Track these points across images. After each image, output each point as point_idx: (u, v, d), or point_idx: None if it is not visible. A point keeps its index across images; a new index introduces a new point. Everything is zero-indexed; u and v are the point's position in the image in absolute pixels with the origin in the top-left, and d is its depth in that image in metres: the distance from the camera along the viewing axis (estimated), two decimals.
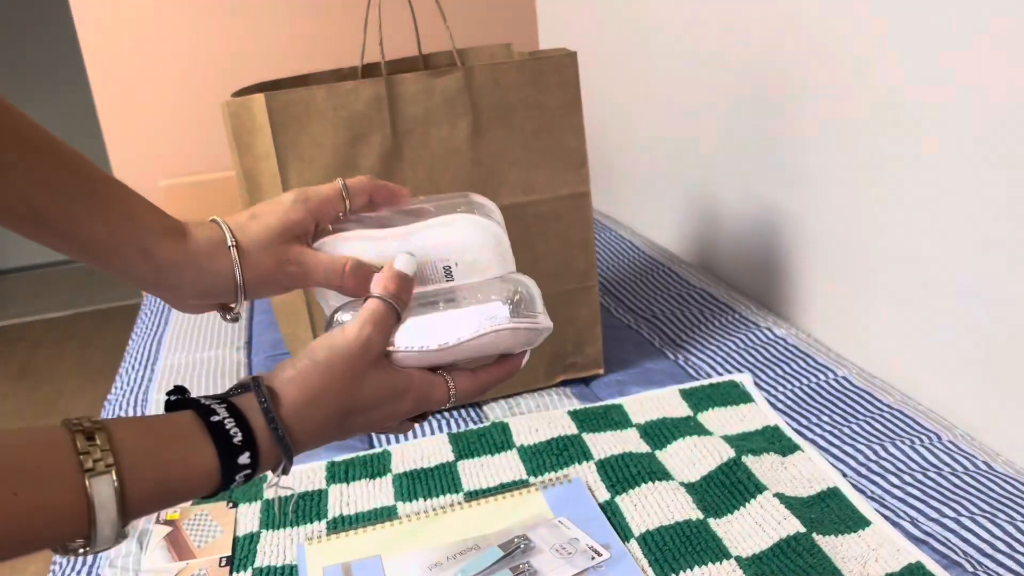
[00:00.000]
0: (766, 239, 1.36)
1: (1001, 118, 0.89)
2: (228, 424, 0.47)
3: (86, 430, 0.43)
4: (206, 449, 0.47)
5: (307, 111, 0.99)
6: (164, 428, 0.46)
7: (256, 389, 0.50)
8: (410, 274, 0.58)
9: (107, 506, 0.42)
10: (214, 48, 2.14)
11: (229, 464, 0.47)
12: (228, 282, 0.58)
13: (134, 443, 0.44)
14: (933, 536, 0.80)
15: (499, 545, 0.82)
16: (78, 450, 0.42)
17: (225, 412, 0.48)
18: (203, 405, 0.49)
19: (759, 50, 1.29)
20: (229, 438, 0.47)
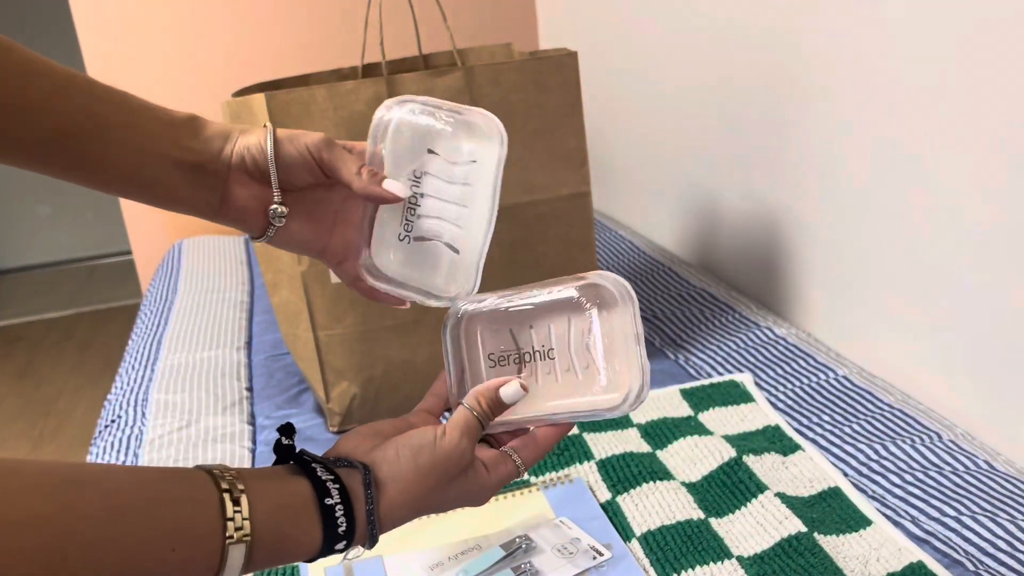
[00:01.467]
0: (766, 239, 1.36)
1: (1001, 119, 0.89)
2: (338, 512, 0.51)
3: (233, 494, 0.46)
4: (315, 531, 0.50)
5: (307, 111, 0.99)
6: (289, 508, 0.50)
7: (366, 488, 0.53)
8: (510, 404, 0.60)
9: (235, 568, 0.46)
10: (214, 48, 2.14)
11: (328, 546, 0.51)
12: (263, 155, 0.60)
13: (265, 518, 0.48)
14: (934, 535, 0.80)
15: (501, 545, 0.82)
16: (224, 515, 0.45)
17: (337, 496, 0.51)
18: (320, 480, 0.51)
19: (759, 51, 1.29)
20: (336, 525, 0.51)
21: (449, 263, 0.63)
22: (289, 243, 0.64)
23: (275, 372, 1.30)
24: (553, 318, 0.62)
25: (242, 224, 0.62)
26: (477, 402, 0.59)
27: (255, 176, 0.61)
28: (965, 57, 0.92)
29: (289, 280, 1.07)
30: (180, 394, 1.25)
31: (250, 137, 0.61)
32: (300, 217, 0.63)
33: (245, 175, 0.61)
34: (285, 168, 0.61)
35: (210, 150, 0.60)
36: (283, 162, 0.61)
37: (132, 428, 1.18)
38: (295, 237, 0.63)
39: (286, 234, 0.63)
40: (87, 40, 2.07)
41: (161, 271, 1.91)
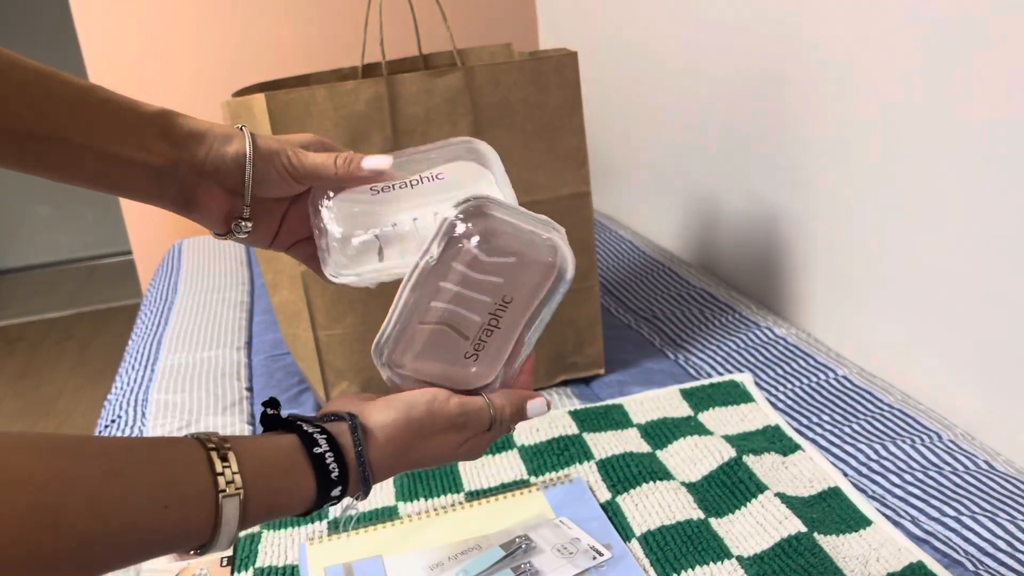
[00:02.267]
0: (766, 239, 1.36)
1: (1001, 120, 0.89)
2: (328, 458, 0.52)
3: (220, 451, 0.47)
4: (308, 481, 0.51)
5: (308, 111, 0.99)
6: (278, 458, 0.50)
7: (353, 431, 0.54)
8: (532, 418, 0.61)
9: (231, 523, 0.46)
10: (214, 48, 2.14)
11: (324, 494, 0.52)
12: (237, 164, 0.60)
13: (255, 470, 0.48)
14: (934, 535, 0.80)
15: (500, 545, 0.82)
16: (214, 470, 0.46)
17: (326, 444, 0.52)
18: (306, 433, 0.52)
19: (759, 51, 1.29)
20: (328, 472, 0.52)
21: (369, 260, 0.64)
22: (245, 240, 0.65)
23: (275, 372, 1.30)
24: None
25: (202, 222, 0.63)
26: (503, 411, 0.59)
27: (226, 186, 0.61)
28: (966, 57, 0.92)
29: (289, 280, 1.07)
30: (180, 394, 1.25)
31: (226, 147, 0.60)
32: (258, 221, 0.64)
33: (215, 184, 0.61)
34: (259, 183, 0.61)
35: (179, 154, 0.59)
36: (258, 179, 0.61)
37: (132, 428, 1.18)
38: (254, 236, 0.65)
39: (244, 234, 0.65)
40: (87, 40, 2.07)
41: (161, 271, 1.91)
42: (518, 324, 0.59)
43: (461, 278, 0.58)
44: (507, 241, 0.59)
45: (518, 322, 0.59)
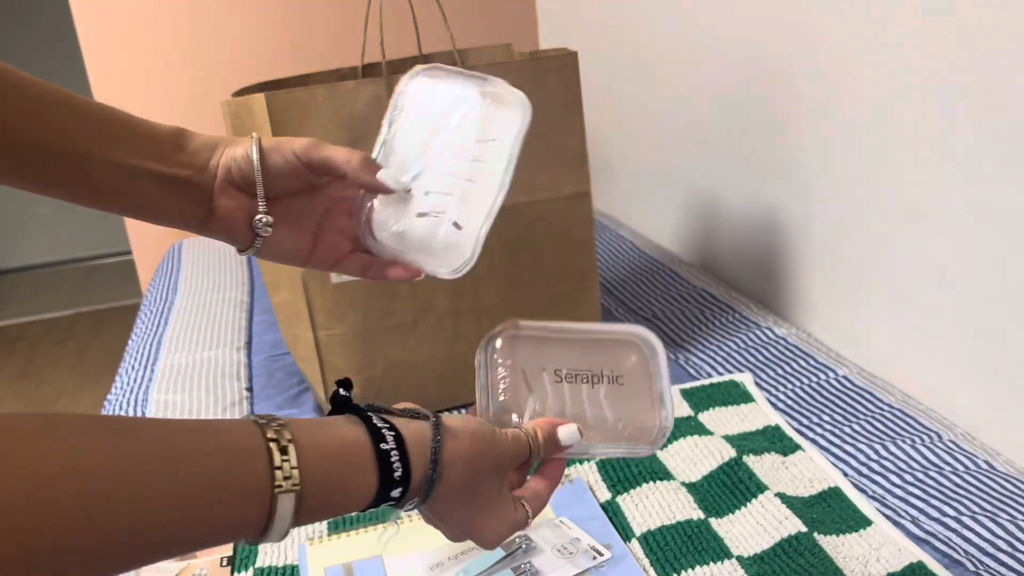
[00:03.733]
0: (766, 239, 1.36)
1: (1000, 119, 0.89)
2: (393, 457, 0.50)
3: (280, 443, 0.45)
4: (370, 479, 0.49)
5: (307, 111, 0.99)
6: (341, 452, 0.48)
7: (435, 426, 0.52)
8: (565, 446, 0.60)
9: (285, 518, 0.44)
10: (214, 48, 2.14)
11: (383, 494, 0.50)
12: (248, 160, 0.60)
13: (316, 465, 0.46)
14: (934, 535, 0.80)
15: (500, 545, 0.82)
16: (272, 464, 0.44)
17: (393, 442, 0.50)
18: (375, 427, 0.50)
19: (759, 51, 1.29)
20: (392, 471, 0.50)
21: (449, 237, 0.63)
22: (276, 253, 0.64)
23: (275, 372, 1.30)
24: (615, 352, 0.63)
25: (228, 236, 0.63)
26: (535, 432, 0.59)
27: (241, 187, 0.61)
28: (964, 58, 0.92)
29: (289, 280, 1.07)
30: (180, 394, 1.25)
31: (236, 148, 0.61)
32: (285, 226, 0.63)
33: (231, 186, 0.61)
34: (272, 176, 0.61)
35: (195, 163, 0.60)
36: (270, 170, 0.61)
37: None
38: (281, 245, 0.64)
39: (272, 244, 0.63)
40: (87, 41, 2.07)
41: (161, 271, 1.91)
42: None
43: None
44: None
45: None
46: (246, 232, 0.62)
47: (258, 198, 0.61)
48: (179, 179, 0.60)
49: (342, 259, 0.66)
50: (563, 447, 0.60)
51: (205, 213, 0.61)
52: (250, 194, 0.61)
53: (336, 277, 1.05)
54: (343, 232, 0.66)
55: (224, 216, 0.61)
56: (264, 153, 0.61)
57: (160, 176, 0.59)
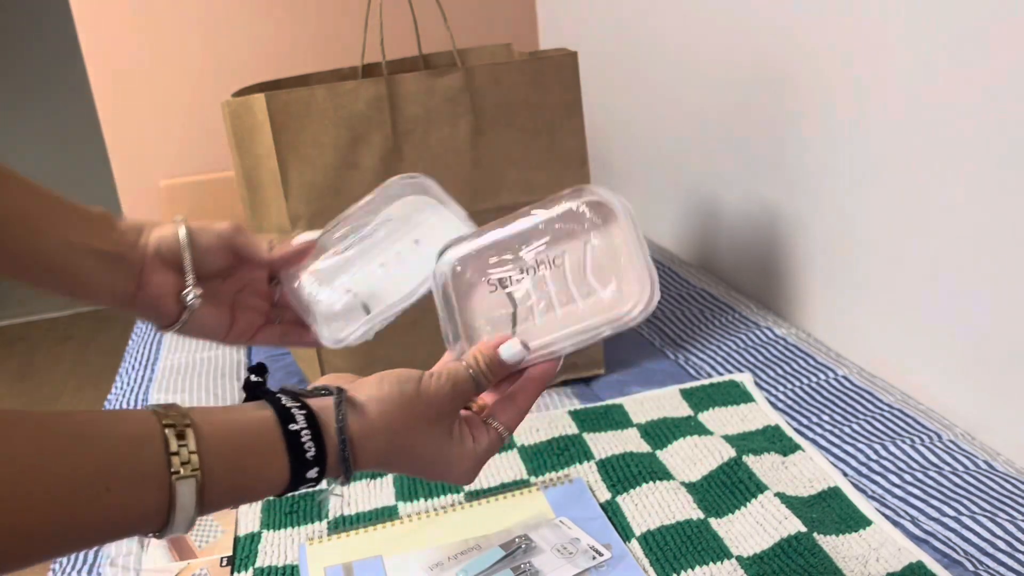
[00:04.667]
0: (766, 239, 1.36)
1: (1000, 119, 0.89)
2: (304, 436, 0.49)
3: (177, 428, 0.44)
4: (280, 462, 0.48)
5: (307, 111, 0.99)
6: (245, 434, 0.47)
7: (337, 406, 0.51)
8: (512, 364, 0.59)
9: (187, 506, 0.43)
10: (214, 48, 2.14)
11: (297, 477, 0.49)
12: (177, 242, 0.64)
13: (218, 449, 0.45)
14: (934, 535, 0.80)
15: (500, 545, 0.82)
16: (168, 450, 0.43)
17: (303, 421, 0.49)
18: (284, 407, 0.49)
19: (759, 50, 1.29)
20: (303, 451, 0.48)
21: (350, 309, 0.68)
22: (199, 329, 0.67)
23: (275, 372, 1.30)
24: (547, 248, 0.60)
25: (154, 311, 0.65)
26: (475, 360, 0.58)
27: (169, 263, 0.64)
28: (963, 58, 0.92)
29: None
30: (180, 394, 1.25)
31: (164, 228, 0.64)
32: (208, 304, 0.66)
33: (160, 263, 0.64)
34: (199, 254, 0.64)
35: (126, 241, 0.63)
36: (197, 248, 0.64)
37: None
38: (204, 322, 0.66)
39: (196, 320, 0.66)
40: (87, 40, 2.07)
41: None
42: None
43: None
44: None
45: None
46: (173, 306, 0.65)
47: (186, 273, 0.64)
48: (112, 255, 0.62)
49: (258, 332, 0.70)
50: (510, 364, 0.58)
51: (135, 288, 0.64)
52: (178, 271, 0.64)
53: None
54: (255, 308, 0.70)
55: (153, 291, 0.64)
56: (192, 233, 0.64)
57: (95, 252, 0.61)
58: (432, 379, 0.55)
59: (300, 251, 0.68)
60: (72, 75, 3.81)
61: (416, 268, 0.66)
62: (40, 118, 3.94)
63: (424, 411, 0.54)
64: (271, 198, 1.03)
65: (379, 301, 0.67)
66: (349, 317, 0.66)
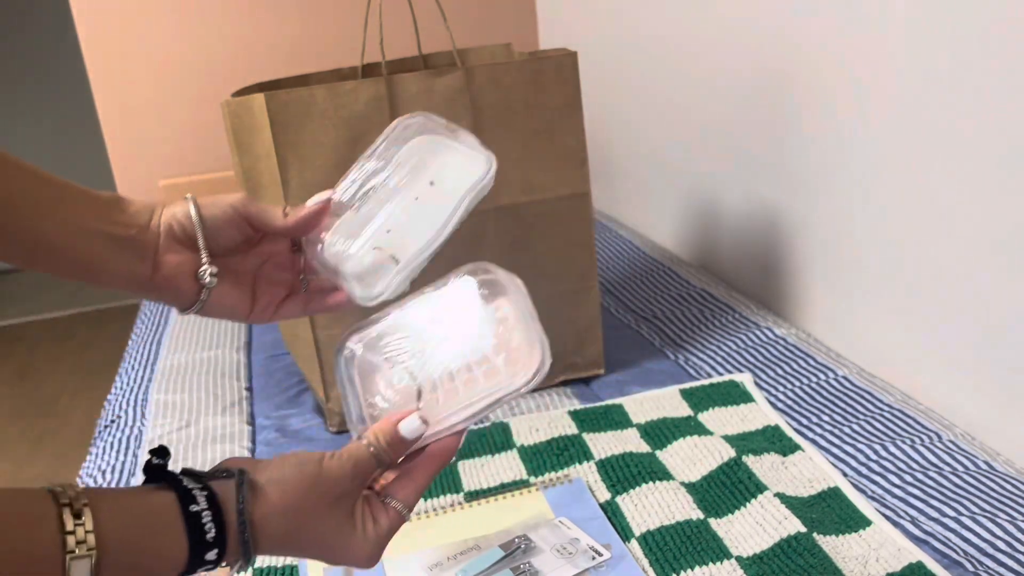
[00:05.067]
0: (766, 239, 1.36)
1: (999, 119, 0.89)
2: (205, 518, 0.48)
3: (74, 507, 0.44)
4: (179, 542, 0.48)
5: (307, 111, 0.99)
6: (144, 515, 0.47)
7: (238, 485, 0.51)
8: (411, 439, 0.58)
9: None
10: (214, 48, 2.14)
11: (197, 558, 0.48)
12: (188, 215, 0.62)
13: (116, 529, 0.45)
14: (934, 536, 0.80)
15: (500, 545, 0.82)
16: (63, 529, 0.43)
17: (204, 503, 0.49)
18: (185, 488, 0.49)
19: (759, 51, 1.29)
20: (203, 532, 0.48)
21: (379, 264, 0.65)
22: (219, 309, 0.65)
23: (275, 372, 1.30)
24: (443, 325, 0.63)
25: (172, 293, 0.63)
26: (376, 438, 0.57)
27: (184, 242, 0.63)
28: (964, 57, 0.92)
29: None
30: (180, 394, 1.25)
31: (175, 207, 0.63)
32: (227, 282, 0.65)
33: (174, 242, 0.62)
34: (212, 229, 0.63)
35: (137, 223, 0.62)
36: (209, 223, 0.63)
37: (132, 428, 1.18)
38: (224, 301, 0.65)
39: (216, 299, 0.64)
40: (87, 40, 2.07)
41: None
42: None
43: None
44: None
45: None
46: (191, 286, 0.63)
47: (201, 250, 0.63)
48: (125, 238, 0.61)
49: (282, 307, 0.68)
50: (410, 440, 0.58)
51: (151, 270, 0.62)
52: (193, 249, 0.63)
53: None
54: (278, 283, 0.68)
55: (170, 272, 0.62)
56: (201, 207, 0.63)
57: (108, 236, 0.60)
58: (333, 460, 0.55)
59: (317, 212, 0.65)
60: (72, 75, 3.81)
61: (436, 210, 0.65)
62: (40, 118, 3.94)
63: (325, 492, 0.54)
64: (271, 198, 1.03)
65: (406, 250, 0.65)
66: (380, 271, 0.65)
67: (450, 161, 0.66)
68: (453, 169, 0.66)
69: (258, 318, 0.67)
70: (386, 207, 0.66)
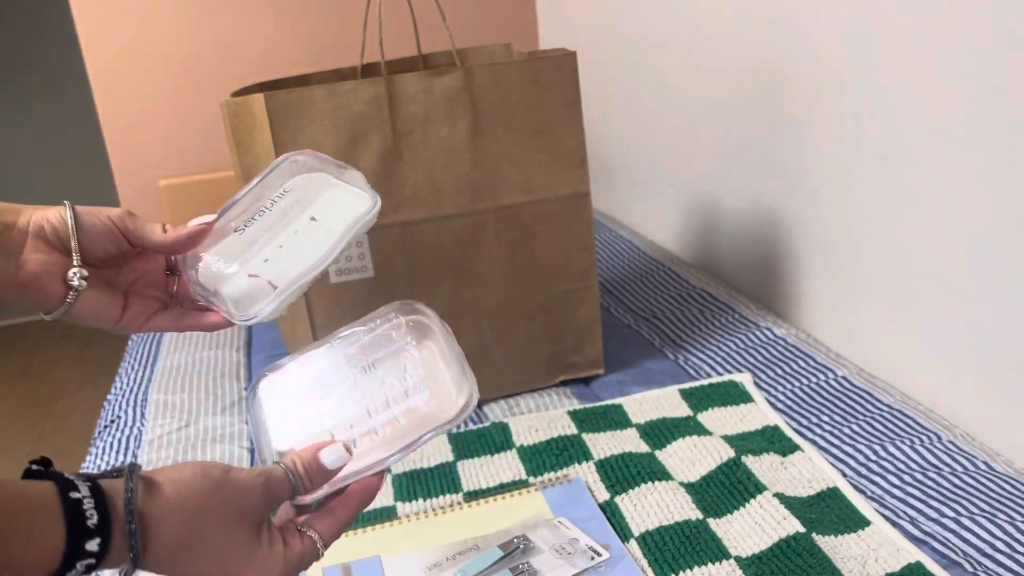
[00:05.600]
0: (766, 239, 1.36)
1: (999, 120, 0.89)
2: (86, 504, 0.44)
3: None
4: (55, 526, 0.43)
5: (307, 111, 0.99)
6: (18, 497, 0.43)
7: (128, 474, 0.47)
8: (333, 470, 0.55)
9: None
10: (214, 48, 2.14)
11: (75, 548, 0.43)
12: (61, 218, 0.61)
13: None
14: (933, 536, 0.80)
15: (499, 545, 0.82)
16: None
17: (87, 491, 0.45)
18: (66, 479, 0.45)
19: (759, 51, 1.29)
20: (83, 519, 0.44)
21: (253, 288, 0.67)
22: (86, 314, 0.64)
23: None
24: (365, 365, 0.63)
25: (36, 293, 0.62)
26: (293, 463, 0.54)
27: (55, 245, 0.62)
28: (964, 58, 0.92)
29: None
30: (179, 394, 1.25)
31: (48, 211, 0.62)
32: (96, 288, 0.64)
33: (43, 243, 0.62)
34: (88, 236, 0.62)
35: (3, 221, 0.61)
36: (86, 231, 0.62)
37: (132, 428, 1.18)
38: (92, 306, 0.64)
39: (83, 304, 0.63)
40: (87, 40, 2.07)
41: None
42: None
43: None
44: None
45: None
46: (58, 288, 0.62)
47: (73, 253, 0.62)
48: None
49: (153, 317, 0.68)
50: (332, 471, 0.55)
51: (15, 268, 0.61)
52: (63, 253, 0.62)
53: (336, 276, 1.05)
54: (152, 295, 0.68)
55: (35, 270, 0.61)
56: (79, 215, 0.62)
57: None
58: (243, 472, 0.52)
59: (196, 233, 0.66)
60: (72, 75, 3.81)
61: (315, 244, 0.67)
62: (40, 118, 3.94)
63: (229, 499, 0.50)
64: None
65: (282, 278, 0.66)
66: (257, 295, 0.66)
67: (335, 197, 0.68)
68: (336, 205, 0.68)
69: (128, 326, 0.66)
70: (266, 236, 0.68)
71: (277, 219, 0.68)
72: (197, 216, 0.67)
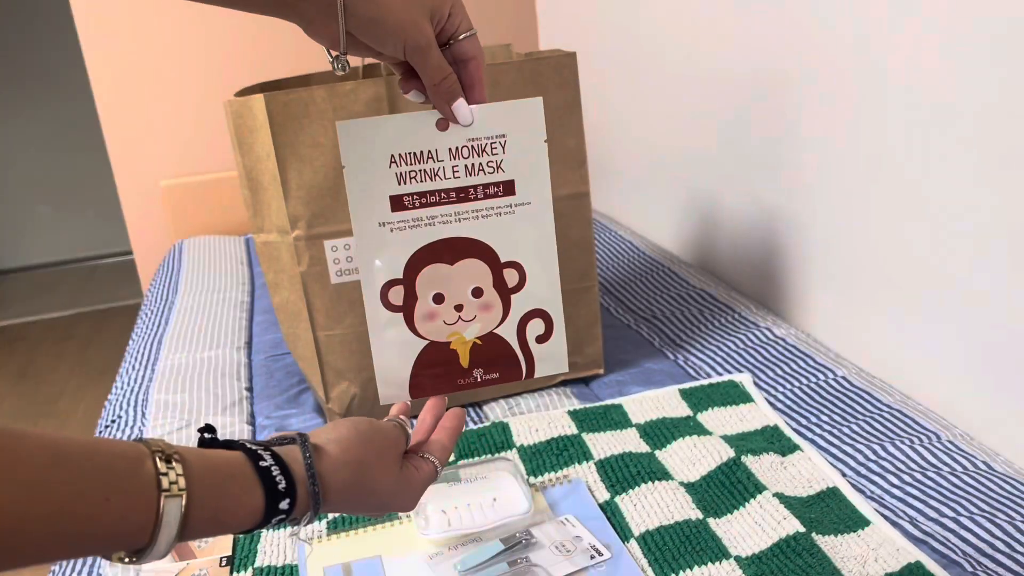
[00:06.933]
0: (766, 240, 1.37)
1: (999, 120, 0.89)
2: (275, 471, 0.52)
3: (165, 454, 0.46)
4: (256, 491, 0.51)
5: (307, 111, 0.99)
6: (224, 466, 0.50)
7: (302, 444, 0.56)
8: (465, 123, 0.67)
9: (171, 525, 0.45)
10: (214, 48, 2.14)
11: (271, 507, 0.52)
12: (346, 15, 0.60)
13: (202, 474, 0.48)
14: (932, 536, 0.81)
15: (501, 539, 0.82)
16: (157, 470, 0.45)
17: (270, 459, 0.53)
18: (250, 450, 0.53)
19: (759, 52, 1.29)
20: (275, 483, 0.52)
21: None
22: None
23: (275, 372, 1.30)
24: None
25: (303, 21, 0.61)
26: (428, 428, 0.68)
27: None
28: (963, 58, 0.92)
29: (289, 280, 1.07)
30: (180, 394, 1.25)
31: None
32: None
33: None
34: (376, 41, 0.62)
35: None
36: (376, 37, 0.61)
37: (132, 428, 1.18)
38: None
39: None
40: (87, 40, 2.07)
41: (161, 271, 1.92)
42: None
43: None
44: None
45: None
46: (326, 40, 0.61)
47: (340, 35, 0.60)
48: None
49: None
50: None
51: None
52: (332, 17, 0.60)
53: (336, 277, 1.05)
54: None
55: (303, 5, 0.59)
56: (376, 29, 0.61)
57: None
58: (382, 422, 0.63)
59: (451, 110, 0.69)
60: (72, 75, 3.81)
61: (481, 517, 0.86)
62: (40, 118, 3.94)
63: (379, 447, 0.60)
64: (271, 198, 1.03)
65: (460, 525, 0.85)
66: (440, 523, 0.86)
67: (512, 494, 0.89)
68: (510, 496, 0.88)
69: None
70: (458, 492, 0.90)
71: (472, 489, 0.90)
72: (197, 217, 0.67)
